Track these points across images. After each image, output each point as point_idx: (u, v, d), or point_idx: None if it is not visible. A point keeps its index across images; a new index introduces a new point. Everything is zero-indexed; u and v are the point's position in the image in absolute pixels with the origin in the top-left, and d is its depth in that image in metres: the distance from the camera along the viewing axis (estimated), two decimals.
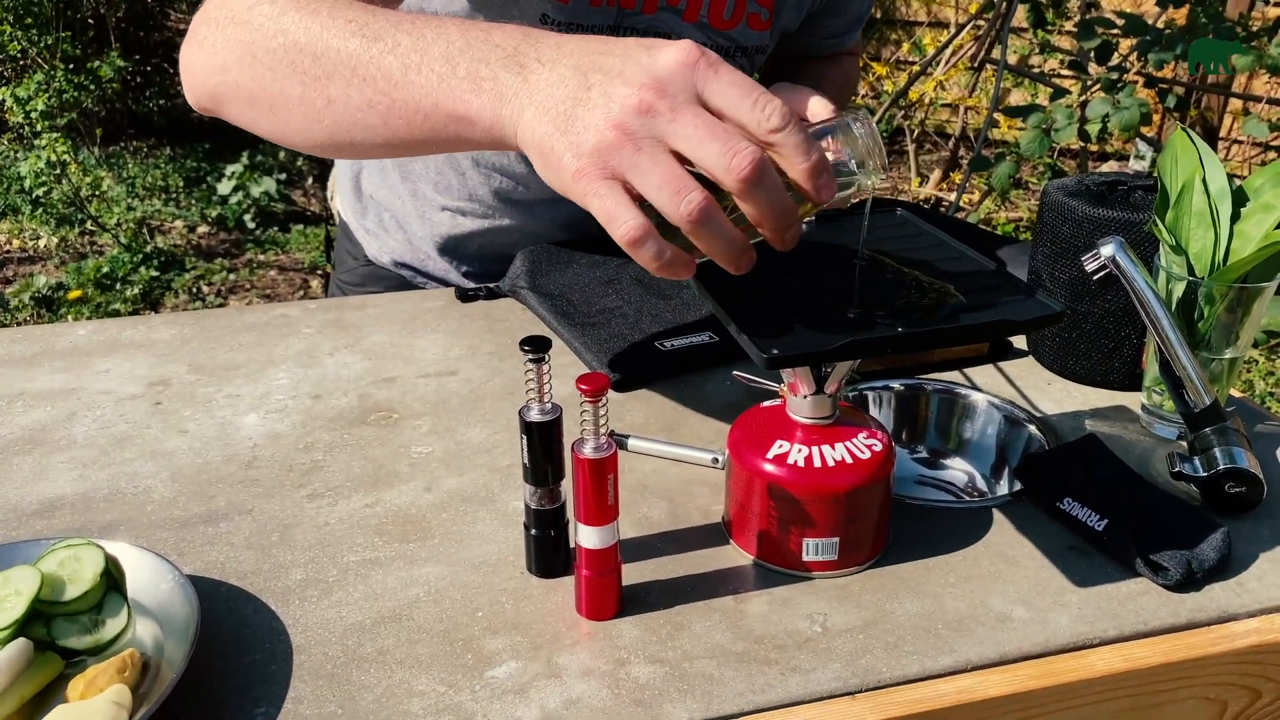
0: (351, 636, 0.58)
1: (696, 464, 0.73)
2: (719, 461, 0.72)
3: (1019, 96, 4.34)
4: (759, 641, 0.58)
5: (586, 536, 0.58)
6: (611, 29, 0.97)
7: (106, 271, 3.43)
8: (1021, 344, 0.92)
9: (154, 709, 0.50)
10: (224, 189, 4.04)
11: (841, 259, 0.70)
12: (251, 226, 3.93)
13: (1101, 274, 0.70)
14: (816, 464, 0.62)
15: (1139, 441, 0.78)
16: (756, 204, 0.54)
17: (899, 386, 0.85)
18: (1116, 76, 2.31)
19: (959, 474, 0.81)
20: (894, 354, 0.85)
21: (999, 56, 2.66)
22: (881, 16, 4.75)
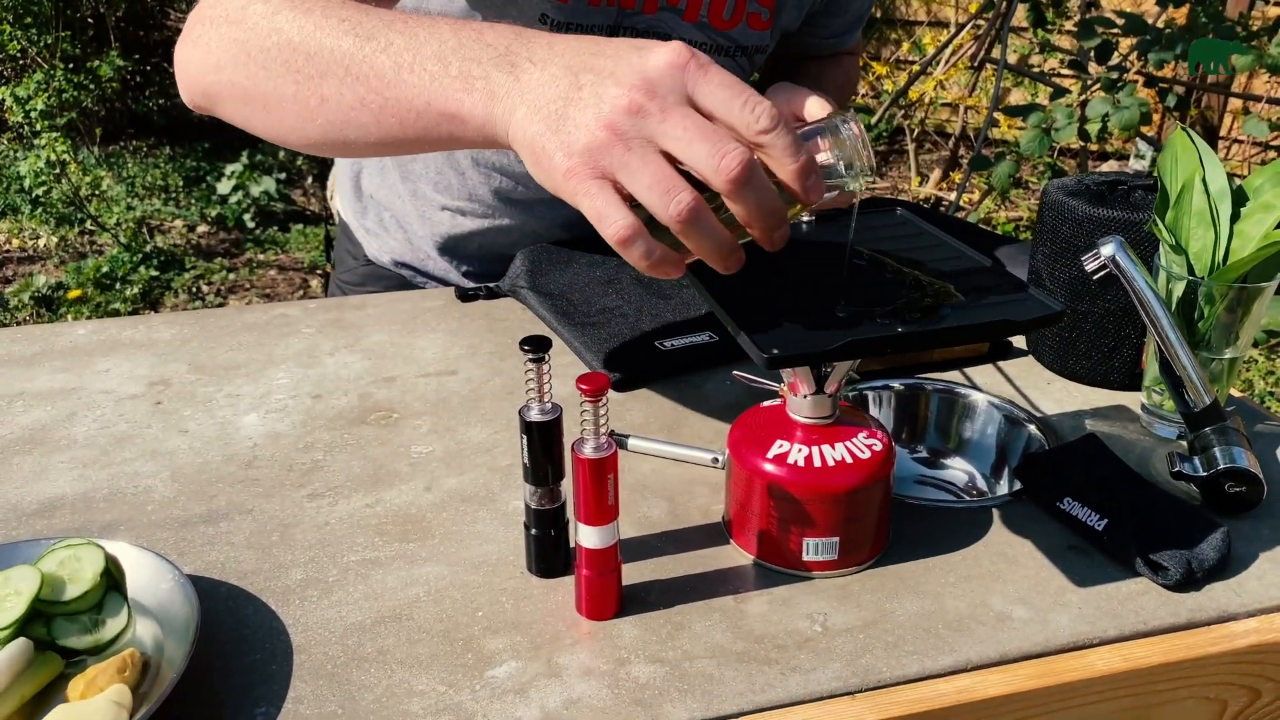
0: (352, 636, 0.58)
1: (696, 464, 0.73)
2: (719, 461, 0.72)
3: (1019, 96, 4.34)
4: (759, 641, 0.58)
5: (586, 536, 0.58)
6: (611, 29, 0.97)
7: (106, 271, 3.43)
8: (1021, 344, 0.92)
9: (154, 709, 0.50)
10: (224, 188, 4.04)
11: (841, 259, 0.70)
12: (251, 226, 3.93)
13: (1101, 273, 0.70)
14: (816, 464, 0.62)
15: (1139, 441, 0.78)
16: (745, 204, 0.55)
17: (899, 386, 0.85)
18: (1116, 76, 2.32)
19: (959, 474, 0.81)
20: (894, 354, 0.85)
21: (999, 56, 2.66)
22: (881, 16, 4.75)
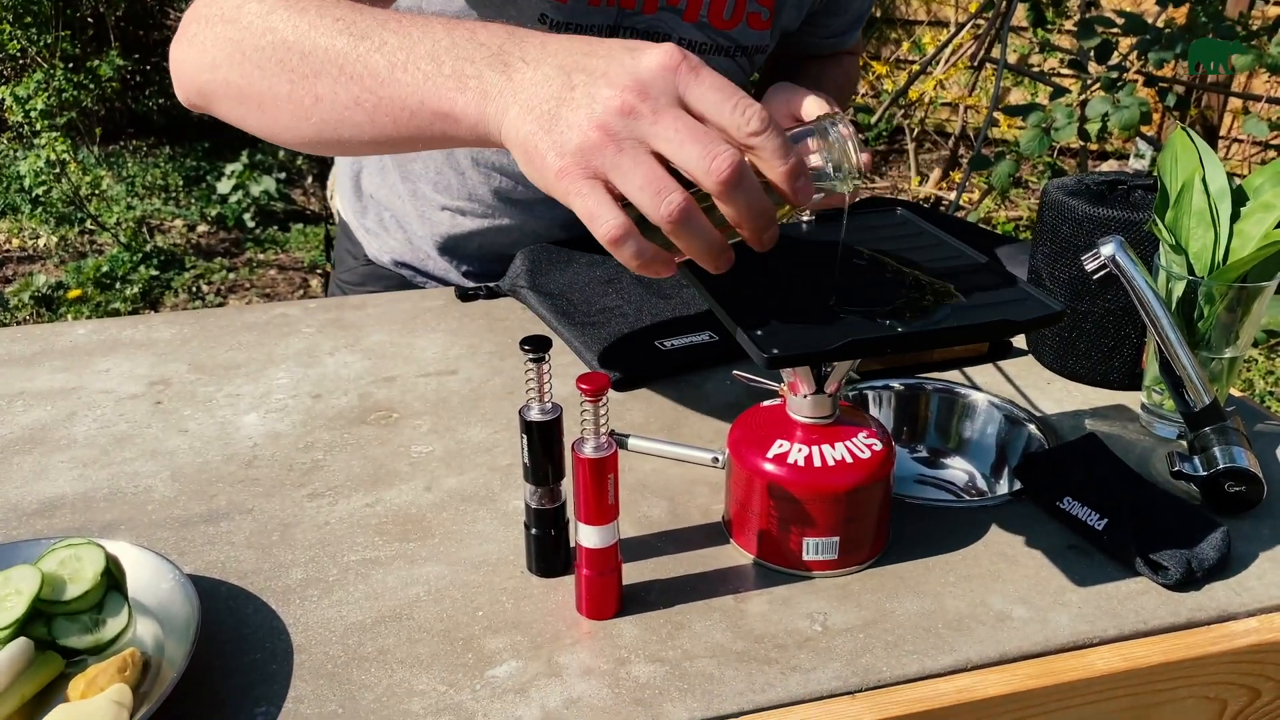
0: (352, 636, 0.58)
1: (697, 463, 0.73)
2: (719, 461, 0.72)
3: (1019, 95, 4.34)
4: (759, 641, 0.58)
5: (587, 536, 0.58)
6: (611, 29, 0.97)
7: (106, 271, 3.43)
8: (1021, 343, 0.92)
9: (155, 708, 0.50)
10: (224, 188, 4.04)
11: (842, 258, 0.70)
12: (251, 225, 3.93)
13: (1101, 273, 0.70)
14: (816, 463, 0.62)
15: (1139, 441, 0.78)
16: (735, 205, 0.55)
17: (899, 386, 0.85)
18: (1116, 75, 2.32)
19: (959, 473, 0.81)
20: (894, 353, 0.85)
21: (999, 55, 2.66)
22: (881, 15, 4.74)
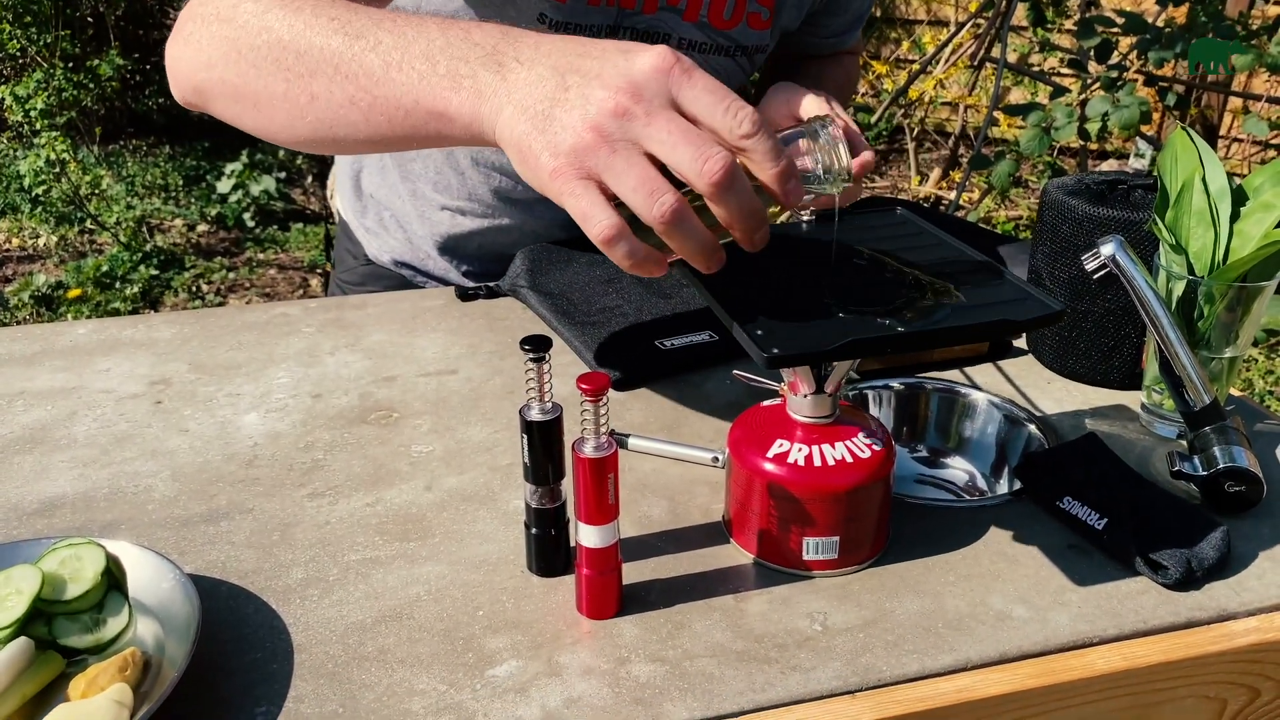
0: (352, 635, 0.58)
1: (697, 463, 0.73)
2: (719, 460, 0.72)
3: (1019, 95, 4.34)
4: (759, 640, 0.58)
5: (587, 535, 0.58)
6: (611, 29, 0.97)
7: (106, 270, 3.43)
8: (1021, 343, 0.92)
9: (155, 708, 0.50)
10: (223, 187, 4.04)
11: (842, 258, 0.70)
12: (251, 225, 3.93)
13: (1101, 273, 0.70)
14: (816, 463, 0.62)
15: (1139, 440, 0.78)
16: (727, 207, 0.56)
17: (899, 385, 0.85)
18: (1116, 75, 2.31)
19: (959, 473, 0.81)
20: (894, 353, 0.85)
21: (999, 55, 2.66)
22: (881, 15, 4.74)
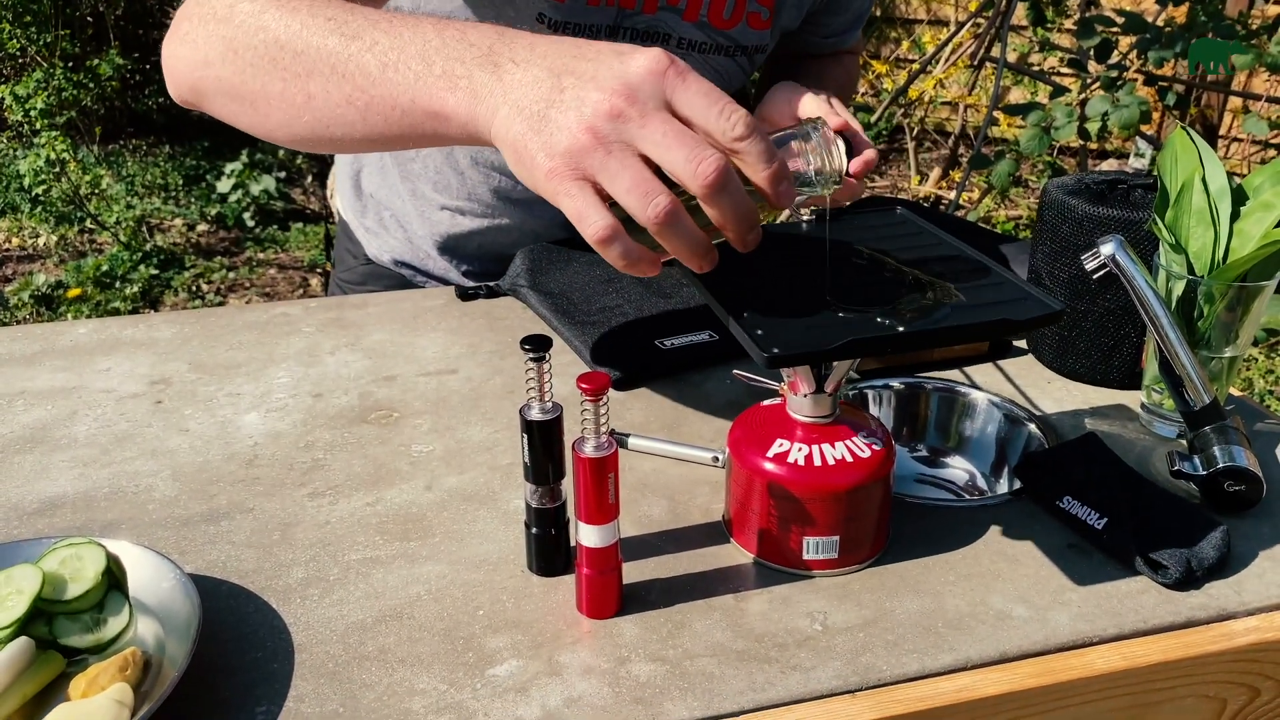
0: (353, 635, 0.58)
1: (697, 462, 0.73)
2: (719, 460, 0.72)
3: (1018, 94, 4.34)
4: (759, 640, 0.58)
5: (587, 535, 0.58)
6: (611, 29, 0.97)
7: (106, 270, 3.42)
8: (1021, 343, 0.92)
9: (156, 707, 0.50)
10: (223, 187, 4.04)
11: (841, 258, 0.70)
12: (251, 225, 3.93)
13: (1101, 272, 0.70)
14: (817, 463, 0.62)
15: (1138, 440, 0.78)
16: (720, 208, 0.57)
17: (899, 385, 0.85)
18: (1116, 74, 2.31)
19: (959, 472, 0.81)
20: (894, 353, 0.85)
21: (999, 54, 2.66)
22: (881, 14, 4.74)
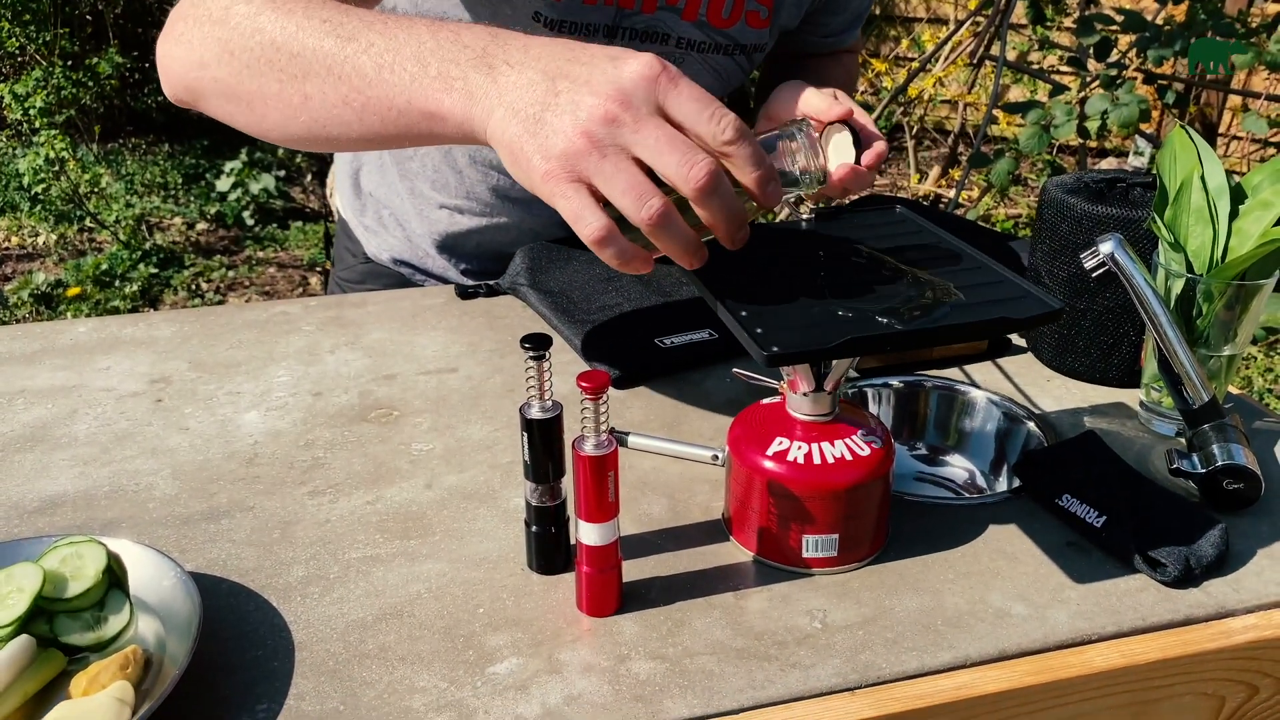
0: (353, 633, 0.58)
1: (696, 461, 0.74)
2: (719, 458, 0.72)
3: (1018, 93, 4.33)
4: (759, 638, 0.58)
5: (587, 533, 0.58)
6: (610, 28, 0.97)
7: (105, 269, 3.42)
8: (1020, 341, 0.92)
9: (156, 705, 0.50)
10: (223, 186, 4.03)
11: (841, 256, 0.70)
12: (250, 223, 3.93)
13: (1100, 271, 0.70)
14: (816, 461, 0.62)
15: (1137, 438, 0.78)
16: (710, 210, 0.59)
17: (898, 383, 0.85)
18: (1115, 73, 2.31)
19: (958, 471, 0.81)
20: (893, 351, 0.85)
21: (998, 53, 2.66)
22: (881, 13, 4.74)
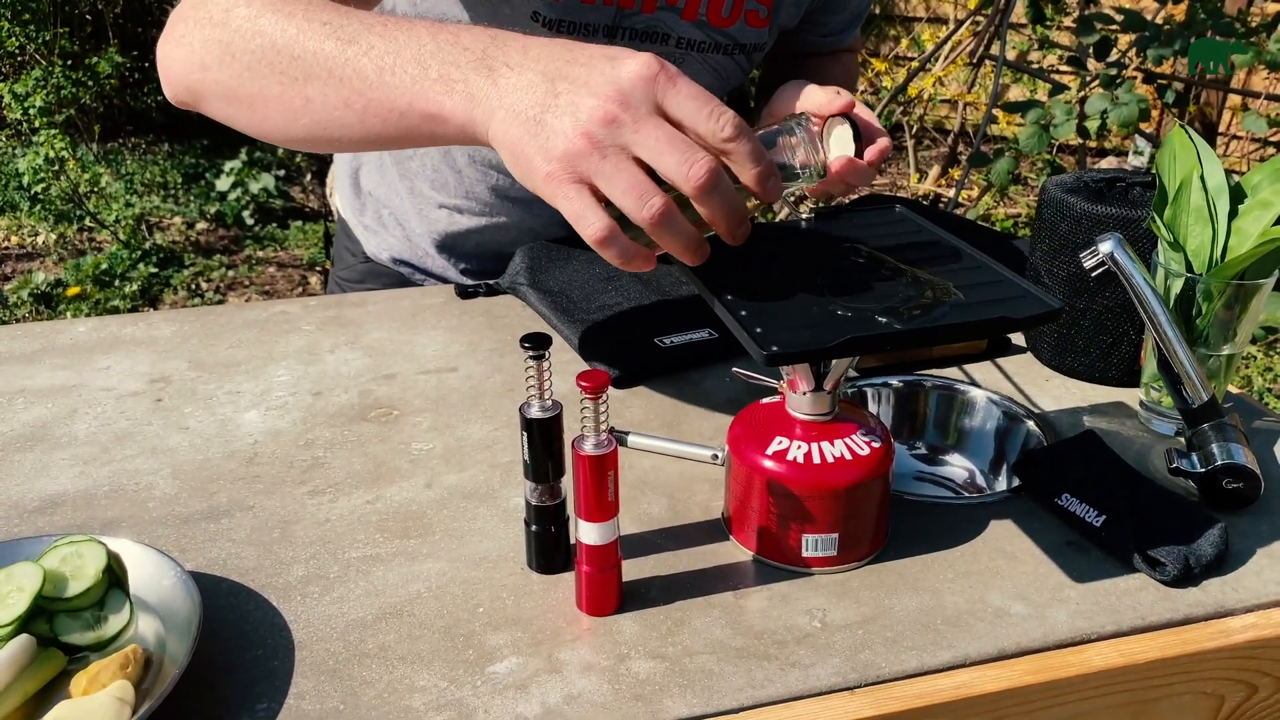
0: (353, 632, 0.59)
1: (696, 460, 0.74)
2: (719, 458, 0.72)
3: (1018, 92, 4.33)
4: (758, 637, 0.58)
5: (587, 532, 0.58)
6: (609, 28, 0.97)
7: (105, 268, 3.42)
8: (1020, 340, 0.92)
9: (157, 705, 0.50)
10: (223, 185, 4.03)
11: (841, 255, 0.70)
12: (250, 223, 3.92)
13: (1100, 270, 0.70)
14: (816, 460, 0.62)
15: (1137, 437, 0.78)
16: (710, 207, 0.59)
17: (898, 383, 0.85)
18: (1115, 72, 2.32)
19: (958, 470, 0.81)
20: (893, 350, 0.85)
21: (998, 52, 2.66)
22: (880, 12, 4.74)
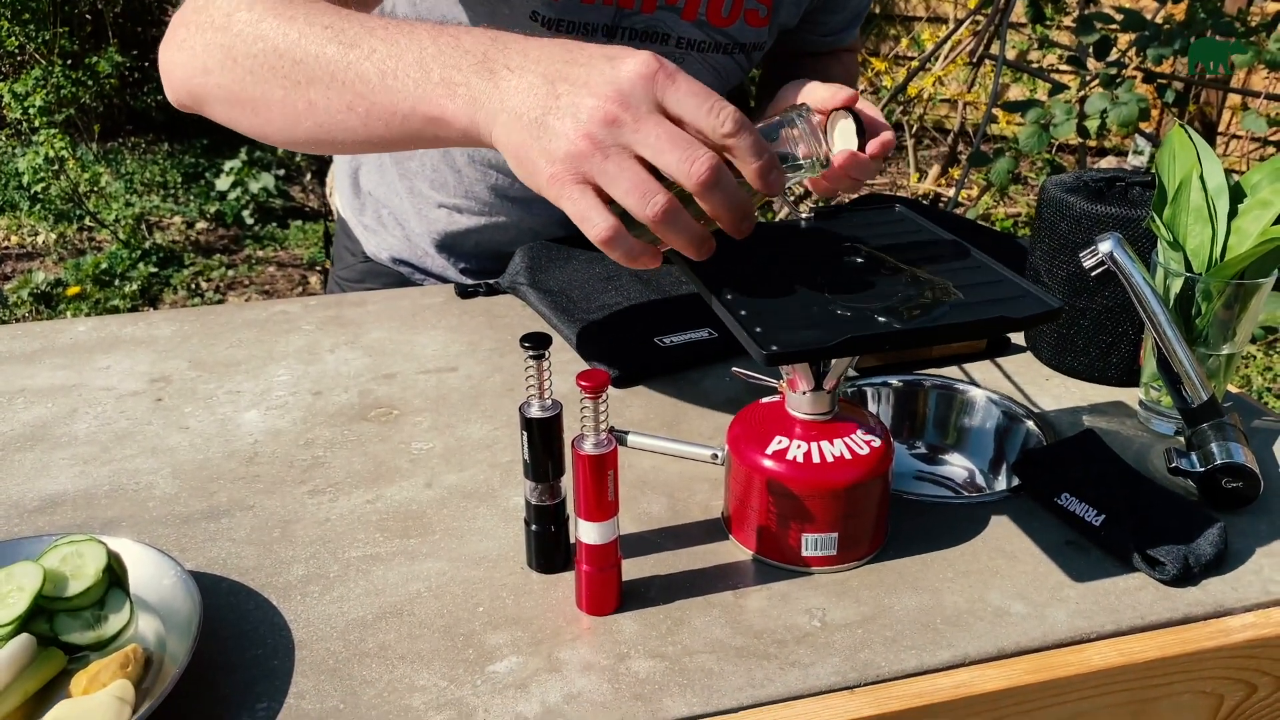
0: (353, 632, 0.59)
1: (696, 460, 0.74)
2: (718, 457, 0.72)
3: (1018, 92, 4.33)
4: (758, 636, 0.58)
5: (587, 532, 0.58)
6: (609, 28, 0.97)
7: (105, 268, 3.42)
8: (1019, 340, 0.92)
9: (157, 704, 0.50)
10: (222, 185, 4.03)
11: (841, 255, 0.70)
12: (250, 222, 3.92)
13: (1099, 270, 0.70)
14: (815, 460, 0.62)
15: (1136, 437, 0.78)
16: (713, 203, 0.60)
17: (897, 382, 0.85)
18: (1115, 72, 2.32)
19: (957, 469, 0.81)
20: (892, 350, 0.85)
21: (998, 52, 2.66)
22: (880, 12, 4.74)
